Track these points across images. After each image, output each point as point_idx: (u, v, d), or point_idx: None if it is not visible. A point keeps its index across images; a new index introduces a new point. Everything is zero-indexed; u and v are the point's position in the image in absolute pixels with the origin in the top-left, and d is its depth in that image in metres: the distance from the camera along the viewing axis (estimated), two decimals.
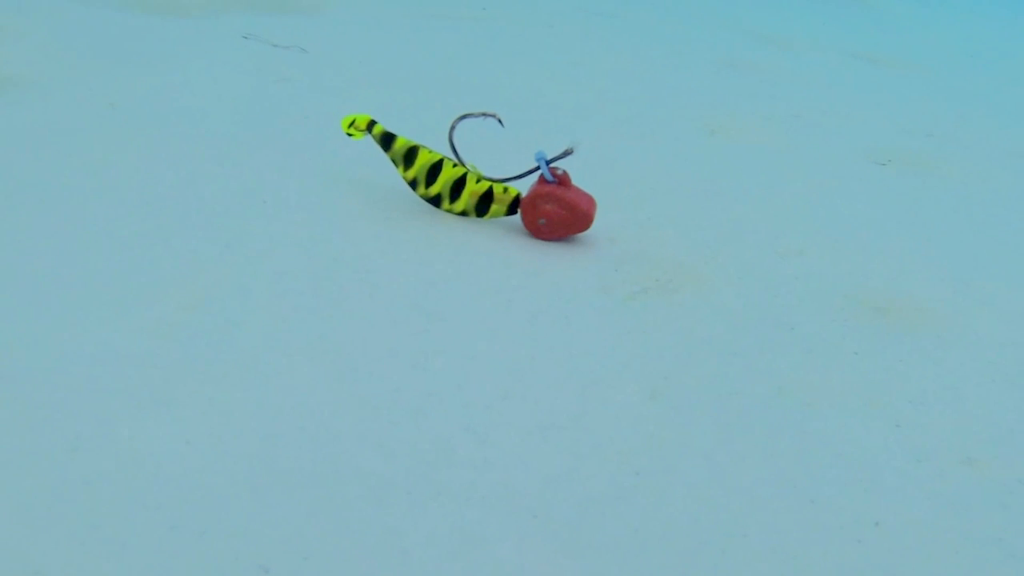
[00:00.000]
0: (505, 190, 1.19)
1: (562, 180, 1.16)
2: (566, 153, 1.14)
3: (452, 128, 1.18)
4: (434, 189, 1.21)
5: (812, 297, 1.16)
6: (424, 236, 1.18)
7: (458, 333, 0.98)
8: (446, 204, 1.22)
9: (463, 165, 1.20)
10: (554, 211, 1.16)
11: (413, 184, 1.22)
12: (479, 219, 1.22)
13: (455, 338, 0.97)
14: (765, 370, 0.99)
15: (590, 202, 1.17)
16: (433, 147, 1.24)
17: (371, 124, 1.21)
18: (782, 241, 1.31)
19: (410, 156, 1.20)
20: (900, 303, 1.18)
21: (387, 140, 1.21)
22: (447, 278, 1.09)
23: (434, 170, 1.20)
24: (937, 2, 4.06)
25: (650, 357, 0.99)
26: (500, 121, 1.17)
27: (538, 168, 1.16)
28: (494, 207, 1.21)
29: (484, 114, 1.17)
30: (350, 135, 1.22)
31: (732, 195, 1.45)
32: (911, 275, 1.26)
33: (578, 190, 1.18)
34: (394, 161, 1.22)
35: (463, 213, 1.22)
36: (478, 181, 1.19)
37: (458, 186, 1.20)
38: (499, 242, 1.19)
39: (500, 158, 1.36)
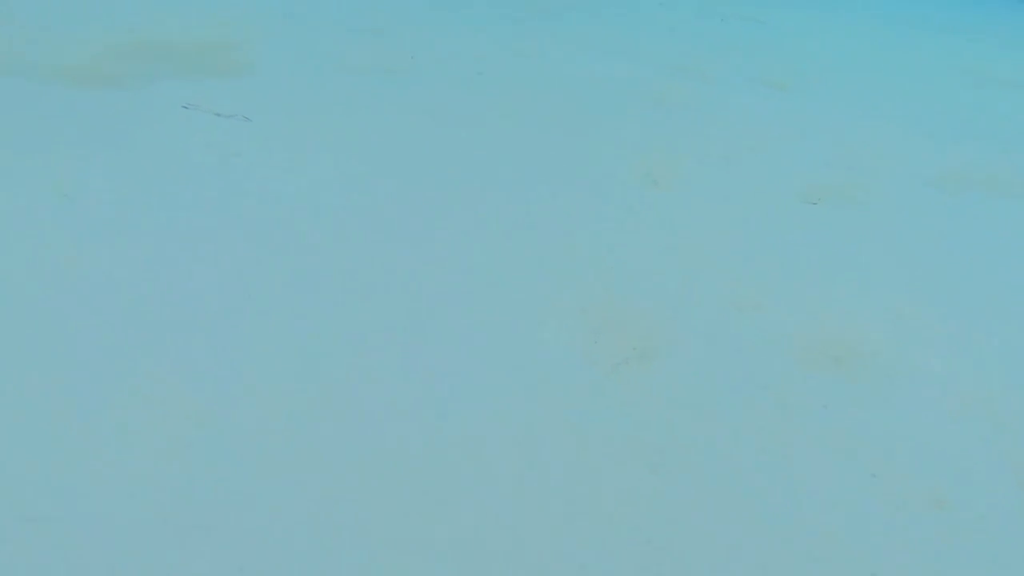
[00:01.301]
0: None
1: None
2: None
3: None
4: None
5: (777, 352, 1.25)
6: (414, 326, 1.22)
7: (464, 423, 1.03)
8: None
9: None
10: None
11: None
12: None
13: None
14: (748, 432, 1.07)
15: None
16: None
17: None
18: (738, 294, 1.40)
19: None
20: (854, 349, 1.28)
21: None
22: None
23: None
24: (827, 19, 4.29)
25: (646, 429, 1.05)
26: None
27: None
28: None
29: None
30: None
31: (684, 249, 1.54)
32: (859, 318, 1.37)
33: None
34: None
35: None
36: None
37: None
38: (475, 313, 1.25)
39: None
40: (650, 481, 0.97)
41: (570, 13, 3.78)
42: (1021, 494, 1.04)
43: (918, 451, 1.08)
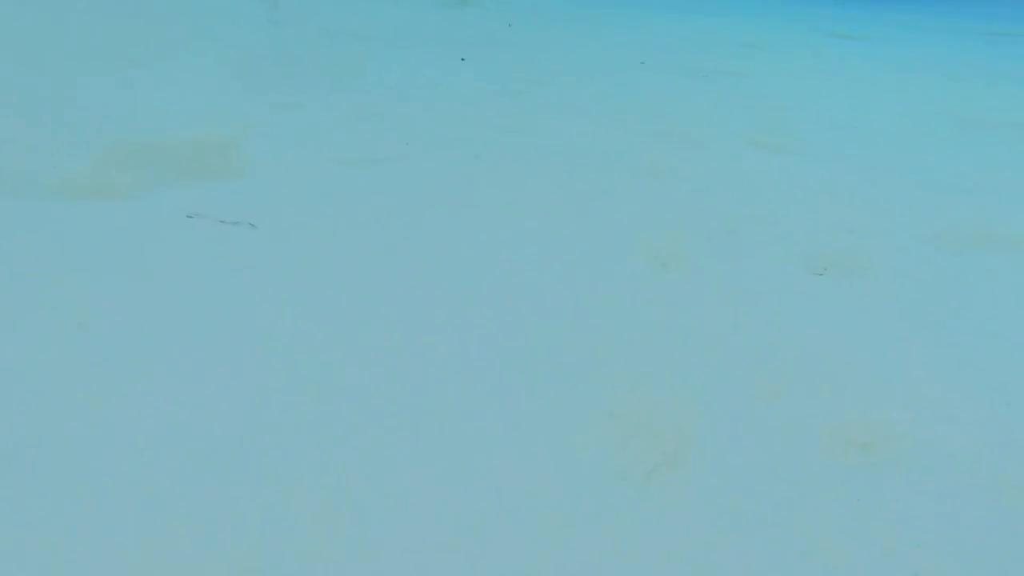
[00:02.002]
0: None
1: None
2: None
3: None
4: None
5: (802, 444, 1.25)
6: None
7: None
8: None
9: None
10: None
11: None
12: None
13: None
14: (786, 535, 1.07)
15: None
16: None
17: None
18: (756, 382, 1.40)
19: None
20: (880, 433, 1.28)
21: None
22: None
23: None
24: (806, 67, 4.37)
25: (684, 541, 1.05)
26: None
27: None
28: None
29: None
30: None
31: (700, 338, 1.55)
32: (879, 399, 1.37)
33: None
34: None
35: None
36: None
37: None
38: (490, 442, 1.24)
39: None
40: None
41: (559, 79, 3.84)
42: None
43: (957, 545, 1.07)
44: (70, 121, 2.62)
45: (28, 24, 3.43)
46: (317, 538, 1.03)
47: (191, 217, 2.00)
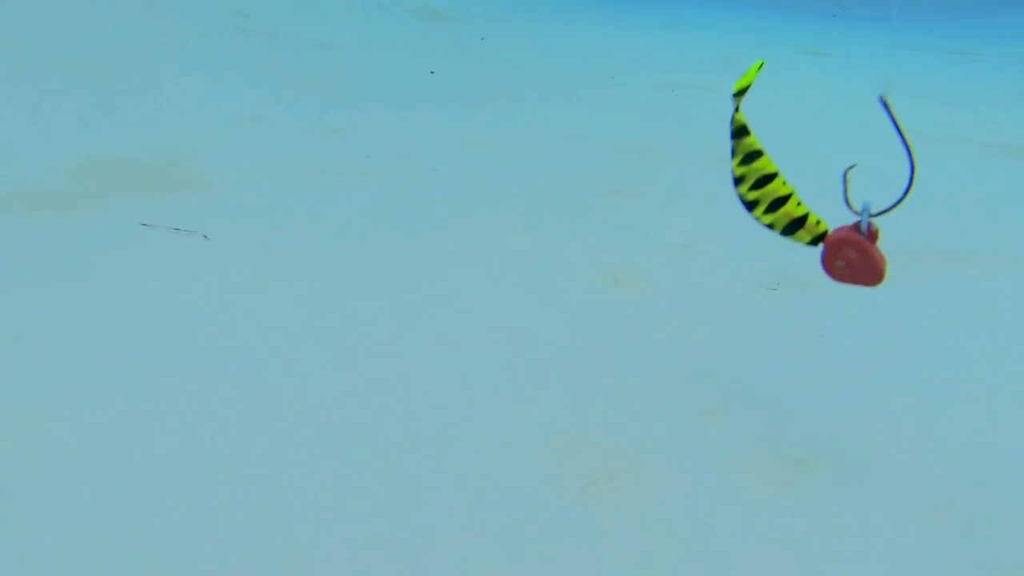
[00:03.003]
0: (818, 223, 1.18)
1: (872, 235, 1.17)
2: (893, 207, 1.14)
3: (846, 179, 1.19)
4: (755, 195, 1.19)
5: (742, 460, 1.25)
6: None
7: None
8: (759, 211, 1.20)
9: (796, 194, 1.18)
10: (855, 260, 1.16)
11: (738, 180, 1.19)
12: (779, 237, 1.20)
13: None
14: (718, 554, 1.06)
15: (884, 261, 1.18)
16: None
17: (742, 92, 1.17)
18: (703, 398, 1.40)
19: (750, 158, 1.17)
20: (821, 449, 1.28)
21: (741, 132, 1.18)
22: None
23: (764, 180, 1.17)
24: (779, 92, 4.40)
25: (617, 557, 1.04)
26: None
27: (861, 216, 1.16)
28: (800, 233, 1.19)
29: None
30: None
31: (647, 352, 1.54)
32: (823, 414, 1.37)
33: (878, 249, 1.18)
34: (734, 151, 1.18)
35: (770, 226, 1.20)
36: (798, 205, 1.18)
37: (778, 202, 1.18)
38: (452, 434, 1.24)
39: None
40: None
41: (528, 94, 3.85)
42: None
43: (888, 562, 1.07)
44: (29, 132, 2.59)
45: None
46: (247, 552, 1.02)
47: (145, 226, 1.98)
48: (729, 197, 1.22)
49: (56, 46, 3.15)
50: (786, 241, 1.20)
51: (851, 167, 1.23)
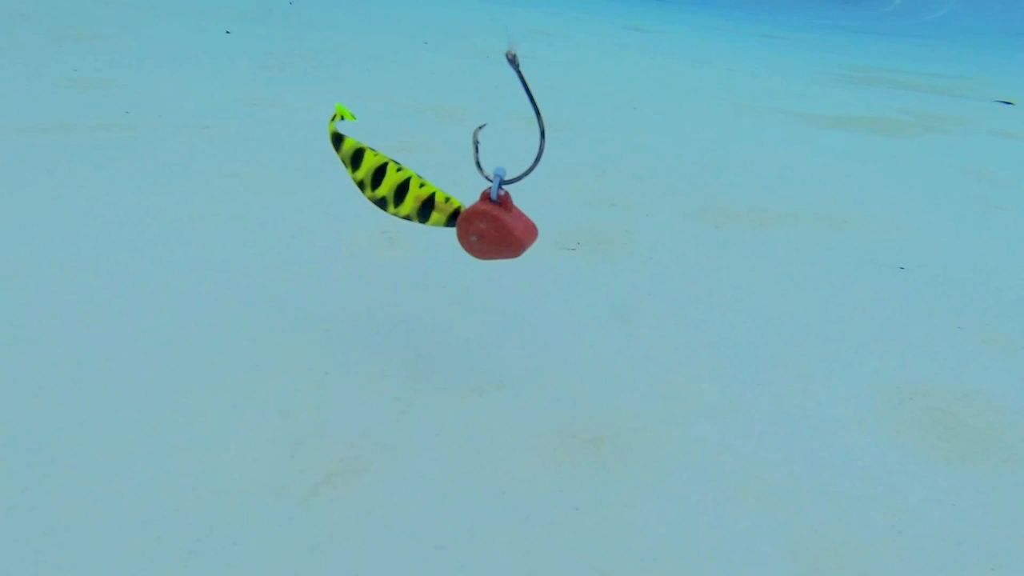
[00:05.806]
0: (447, 200, 1.09)
1: (503, 201, 1.04)
2: (527, 172, 1.03)
3: (475, 140, 1.08)
4: (380, 192, 1.12)
5: (520, 441, 1.03)
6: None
7: None
8: (391, 208, 1.13)
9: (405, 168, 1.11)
10: (487, 231, 1.05)
11: (361, 186, 1.13)
12: (424, 226, 1.12)
13: None
14: (487, 557, 0.84)
15: (527, 230, 1.06)
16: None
17: (333, 118, 1.14)
18: (473, 373, 1.18)
19: (357, 158, 1.12)
20: (613, 426, 1.08)
21: (337, 141, 1.13)
22: None
23: (379, 173, 1.11)
24: (598, 61, 4.30)
25: (359, 558, 0.79)
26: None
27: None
28: (435, 215, 1.11)
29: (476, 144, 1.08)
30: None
31: (412, 323, 1.30)
32: (619, 385, 1.18)
33: (519, 215, 1.06)
34: (343, 162, 1.13)
35: (407, 218, 1.13)
36: (421, 186, 1.10)
37: (402, 190, 1.11)
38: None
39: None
40: None
41: (327, 56, 3.55)
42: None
43: (698, 543, 0.88)
44: None
45: None
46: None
47: None
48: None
49: None
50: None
51: (481, 126, 1.14)
